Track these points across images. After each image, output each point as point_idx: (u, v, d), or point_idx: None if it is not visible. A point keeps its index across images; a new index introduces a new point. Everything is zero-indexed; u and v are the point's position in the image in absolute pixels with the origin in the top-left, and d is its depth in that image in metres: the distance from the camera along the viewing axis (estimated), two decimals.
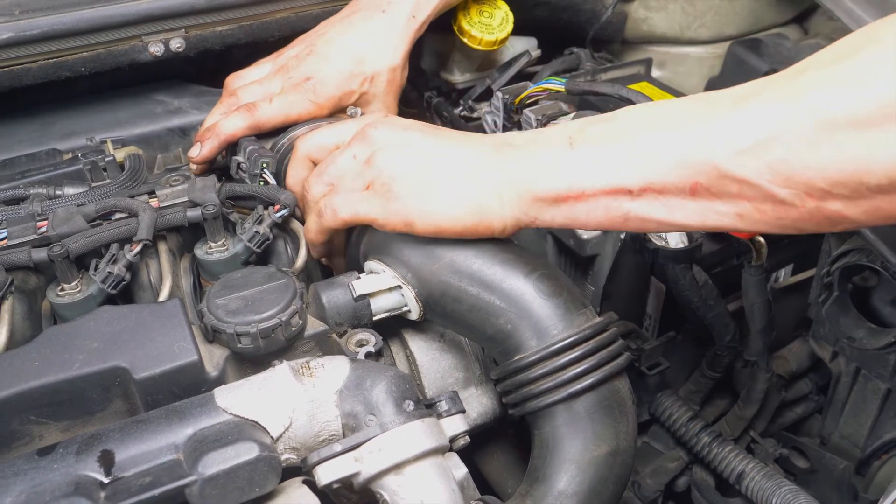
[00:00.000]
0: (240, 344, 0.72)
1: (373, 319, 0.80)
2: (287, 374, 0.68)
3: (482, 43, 1.16)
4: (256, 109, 0.99)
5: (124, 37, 1.07)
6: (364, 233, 0.83)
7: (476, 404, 0.85)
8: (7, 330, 0.76)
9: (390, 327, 0.84)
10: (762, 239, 0.95)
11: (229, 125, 0.99)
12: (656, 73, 1.36)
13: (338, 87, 1.02)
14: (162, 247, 0.88)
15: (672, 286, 0.98)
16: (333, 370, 0.69)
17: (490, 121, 1.16)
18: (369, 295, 0.79)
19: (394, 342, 0.86)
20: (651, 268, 1.03)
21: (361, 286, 0.79)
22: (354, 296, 0.78)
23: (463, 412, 0.72)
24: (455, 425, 0.71)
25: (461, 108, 1.25)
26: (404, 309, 0.80)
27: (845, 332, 0.98)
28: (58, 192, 0.92)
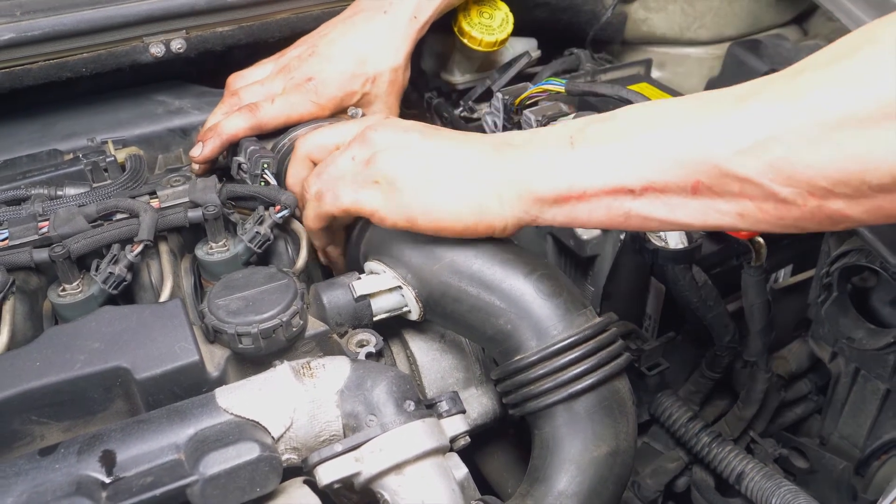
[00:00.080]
0: (241, 344, 0.72)
1: (373, 320, 0.80)
2: (288, 375, 0.68)
3: (482, 44, 1.16)
4: (258, 110, 0.99)
5: (125, 38, 1.07)
6: (364, 233, 0.84)
7: (476, 404, 0.85)
8: (8, 330, 0.76)
9: (391, 328, 0.85)
10: (761, 239, 0.95)
11: (231, 125, 0.99)
12: (656, 74, 1.36)
13: (340, 88, 1.03)
14: (163, 247, 0.88)
15: (672, 287, 0.98)
16: (334, 370, 0.69)
17: (490, 121, 1.16)
18: (370, 295, 0.79)
19: (394, 343, 0.86)
20: (651, 268, 1.03)
21: (362, 287, 0.79)
22: (355, 296, 0.78)
23: (463, 412, 0.72)
24: (455, 425, 0.71)
25: (461, 109, 1.25)
26: (404, 309, 0.80)
27: (844, 333, 0.98)
28: (59, 193, 0.93)
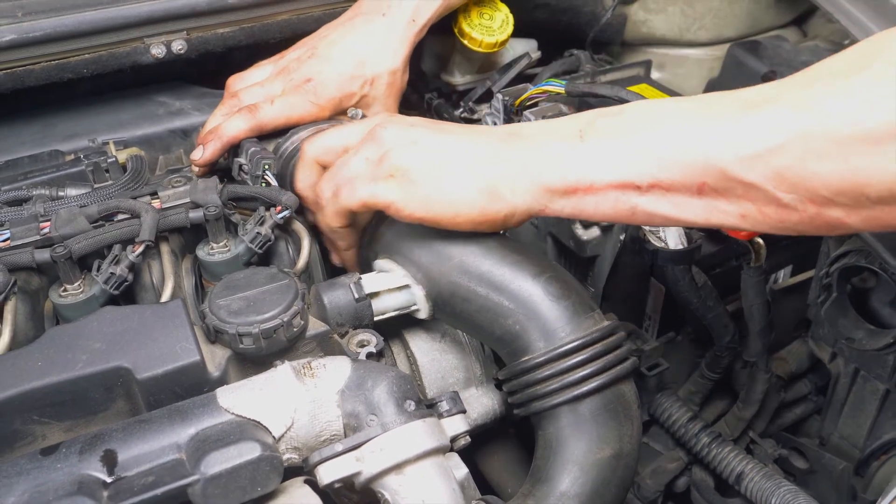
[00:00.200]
0: (242, 344, 0.72)
1: (382, 318, 0.80)
2: (289, 375, 0.68)
3: (482, 45, 1.16)
4: (258, 111, 1.00)
5: (126, 39, 1.07)
6: (374, 232, 0.84)
7: (477, 404, 0.85)
8: (10, 330, 0.76)
9: (391, 328, 0.85)
10: (761, 240, 0.95)
11: (231, 127, 0.99)
12: (656, 75, 1.36)
13: (338, 89, 1.03)
14: (164, 248, 0.88)
15: (671, 287, 0.98)
16: (335, 370, 0.70)
17: (490, 122, 1.17)
18: (379, 293, 0.79)
19: (395, 343, 0.87)
20: (650, 269, 1.03)
21: (370, 284, 0.79)
22: (364, 293, 0.78)
23: (464, 412, 0.72)
24: (456, 425, 0.71)
25: (461, 110, 1.25)
26: (413, 308, 0.80)
27: (844, 333, 0.98)
28: (60, 194, 0.93)
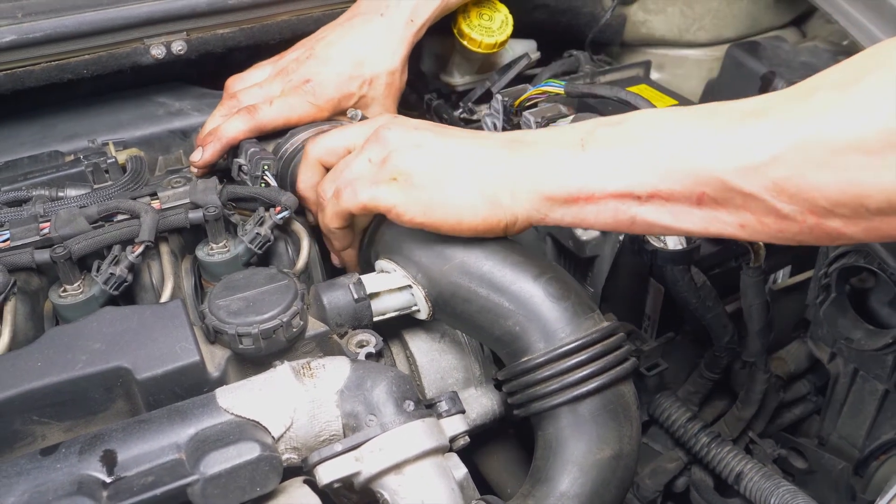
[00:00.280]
0: (241, 345, 0.72)
1: (382, 319, 0.81)
2: (288, 375, 0.68)
3: (482, 46, 1.16)
4: (257, 112, 1.00)
5: (126, 39, 1.07)
6: (376, 233, 0.84)
7: (476, 405, 0.85)
8: (10, 331, 0.76)
9: (390, 328, 0.85)
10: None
11: (231, 128, 1.00)
12: (655, 76, 1.37)
13: (337, 90, 1.03)
14: (164, 248, 0.88)
15: (671, 287, 0.99)
16: (334, 371, 0.70)
17: (490, 123, 1.17)
18: (378, 294, 0.79)
19: (394, 343, 0.87)
20: (650, 269, 1.03)
21: (370, 284, 0.79)
22: (363, 294, 0.78)
23: (463, 412, 0.73)
24: (455, 425, 0.71)
25: (461, 111, 1.25)
26: (413, 308, 0.80)
27: (843, 334, 0.99)
28: (60, 194, 0.93)
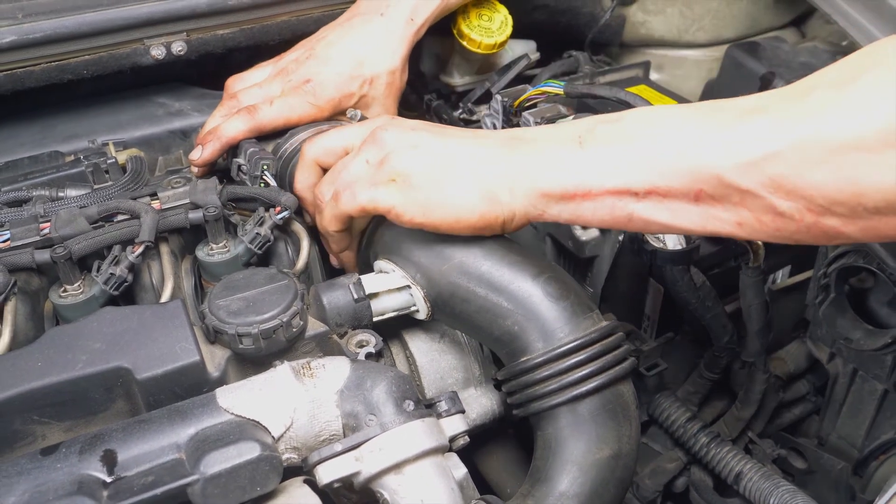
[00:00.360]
0: (241, 345, 0.72)
1: (381, 319, 0.81)
2: (288, 375, 0.68)
3: (481, 46, 1.16)
4: (257, 112, 1.00)
5: (126, 40, 1.07)
6: (374, 234, 0.84)
7: (475, 405, 0.85)
8: (10, 331, 0.76)
9: (390, 328, 0.85)
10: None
11: (230, 128, 1.00)
12: (654, 76, 1.37)
13: (337, 90, 1.03)
14: (164, 248, 0.88)
15: (670, 287, 0.99)
16: (334, 370, 0.70)
17: (489, 123, 1.17)
18: (378, 294, 0.79)
19: (394, 343, 0.87)
20: (649, 269, 1.03)
21: (370, 285, 0.79)
22: (363, 294, 0.78)
23: (462, 412, 0.73)
24: (455, 425, 0.71)
25: (460, 111, 1.25)
26: (412, 309, 0.80)
27: (842, 334, 0.99)
28: (60, 194, 0.93)
